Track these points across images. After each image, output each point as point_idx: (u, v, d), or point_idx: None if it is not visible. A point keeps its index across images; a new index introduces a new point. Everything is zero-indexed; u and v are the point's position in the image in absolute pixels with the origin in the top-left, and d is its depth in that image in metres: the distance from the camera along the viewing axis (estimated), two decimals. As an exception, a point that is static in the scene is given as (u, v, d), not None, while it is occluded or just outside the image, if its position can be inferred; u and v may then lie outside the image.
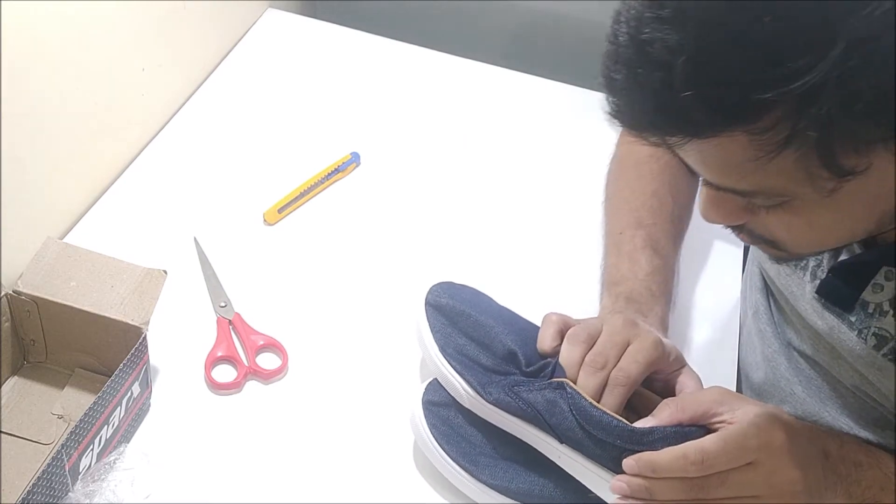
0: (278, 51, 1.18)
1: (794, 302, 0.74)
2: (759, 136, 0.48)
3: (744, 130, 0.48)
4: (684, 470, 0.61)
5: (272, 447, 0.76)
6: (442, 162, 1.06)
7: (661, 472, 0.62)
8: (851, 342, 0.67)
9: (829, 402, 0.74)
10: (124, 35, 0.93)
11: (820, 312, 0.70)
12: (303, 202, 0.98)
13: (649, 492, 0.63)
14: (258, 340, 0.83)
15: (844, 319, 0.68)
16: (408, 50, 1.20)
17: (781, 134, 0.48)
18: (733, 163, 0.52)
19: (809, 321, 0.72)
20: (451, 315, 0.77)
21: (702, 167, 0.55)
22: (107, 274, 0.74)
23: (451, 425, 0.73)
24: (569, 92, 1.17)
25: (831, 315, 0.69)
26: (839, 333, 0.68)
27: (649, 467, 0.62)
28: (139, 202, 0.95)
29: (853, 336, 0.67)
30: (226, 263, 0.90)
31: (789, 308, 0.76)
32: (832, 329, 0.69)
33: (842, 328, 0.68)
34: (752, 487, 0.61)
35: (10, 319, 0.75)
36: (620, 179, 0.90)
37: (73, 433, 0.65)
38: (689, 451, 0.61)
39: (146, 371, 0.74)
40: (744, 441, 0.61)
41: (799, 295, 0.73)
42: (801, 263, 0.72)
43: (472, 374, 0.72)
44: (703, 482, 0.61)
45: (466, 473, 0.72)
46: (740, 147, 0.50)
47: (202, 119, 1.06)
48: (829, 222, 0.56)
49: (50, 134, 0.85)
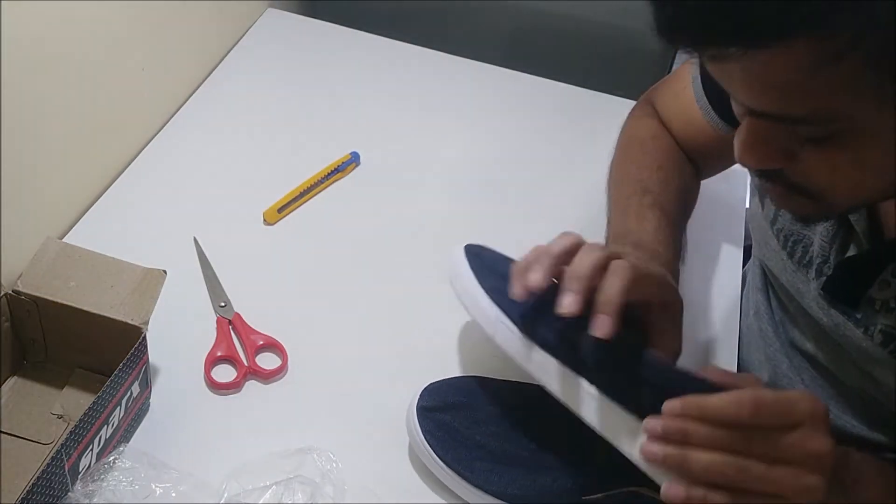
0: (278, 51, 1.18)
1: (800, 299, 0.73)
2: (823, 43, 0.46)
3: (809, 36, 0.46)
4: (737, 415, 0.56)
5: (272, 447, 0.76)
6: (442, 162, 1.06)
7: (711, 414, 0.57)
8: (857, 339, 0.67)
9: (832, 401, 0.74)
10: (124, 35, 0.93)
11: (825, 310, 0.69)
12: (303, 202, 0.98)
13: (686, 436, 0.58)
14: (258, 340, 0.83)
15: (850, 316, 0.67)
16: (408, 50, 1.20)
17: (846, 37, 0.45)
18: (789, 79, 0.49)
19: (815, 318, 0.72)
20: None
21: (749, 90, 0.52)
22: (107, 274, 0.74)
23: (448, 430, 0.73)
24: (569, 92, 1.17)
25: (837, 312, 0.68)
26: (845, 330, 0.68)
27: (697, 409, 0.57)
28: (139, 202, 0.95)
29: (859, 333, 0.66)
30: (226, 263, 0.90)
31: (794, 306, 0.76)
32: (838, 326, 0.68)
33: (847, 325, 0.67)
34: (791, 450, 0.57)
35: (9, 319, 0.75)
36: (626, 157, 0.89)
37: (73, 433, 0.65)
38: (744, 396, 0.57)
39: (146, 371, 0.74)
40: (795, 401, 0.58)
41: (804, 292, 0.72)
42: (805, 260, 0.71)
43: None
44: (749, 434, 0.57)
45: (463, 479, 0.71)
46: (800, 57, 0.47)
47: (202, 119, 1.06)
48: (876, 161, 0.53)
49: (50, 134, 0.85)
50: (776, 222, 0.73)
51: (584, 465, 0.71)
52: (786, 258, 0.73)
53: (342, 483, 0.71)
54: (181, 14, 1.03)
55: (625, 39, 1.26)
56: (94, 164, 0.95)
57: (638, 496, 0.69)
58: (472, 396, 0.75)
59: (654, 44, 1.08)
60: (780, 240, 0.73)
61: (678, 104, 0.89)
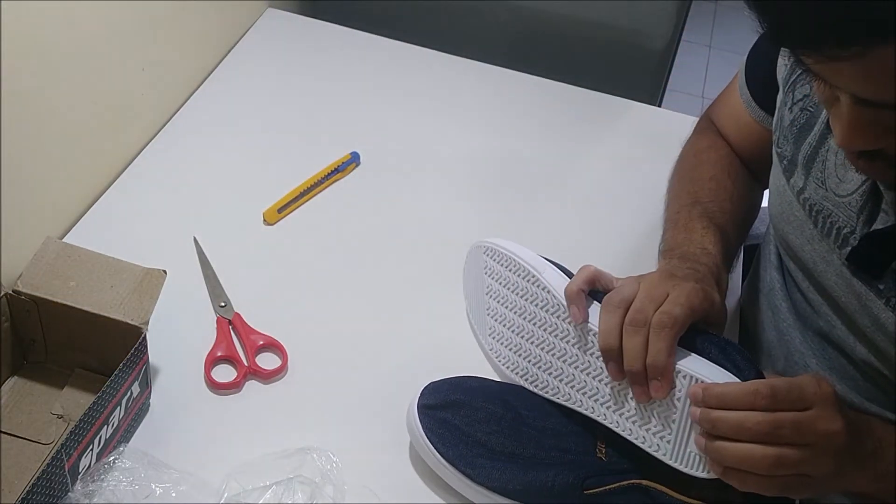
0: (278, 50, 1.18)
1: (823, 269, 0.73)
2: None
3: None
4: (752, 403, 0.62)
5: (272, 447, 0.76)
6: (442, 162, 1.06)
7: (729, 403, 0.62)
8: (878, 310, 0.67)
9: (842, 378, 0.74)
10: (124, 35, 0.93)
11: (848, 280, 0.70)
12: (303, 202, 0.98)
13: (714, 427, 0.63)
14: (258, 340, 0.83)
15: (873, 287, 0.68)
16: (408, 50, 1.20)
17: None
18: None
19: (831, 293, 0.73)
20: None
21: (864, 83, 0.53)
22: (106, 274, 0.74)
23: (449, 427, 0.73)
24: (569, 92, 1.17)
25: (860, 282, 0.69)
26: (866, 300, 0.68)
27: (717, 398, 0.63)
28: (139, 202, 0.95)
29: (881, 304, 0.67)
30: (226, 263, 0.90)
31: (810, 281, 0.76)
32: (860, 296, 0.69)
33: (869, 295, 0.68)
34: (805, 432, 0.62)
35: (9, 319, 0.75)
36: (680, 171, 0.91)
37: (73, 433, 0.65)
38: (759, 386, 0.62)
39: (146, 371, 0.74)
40: (805, 387, 0.63)
41: (828, 261, 0.73)
42: (830, 231, 0.72)
43: None
44: (768, 420, 0.61)
45: (465, 476, 0.72)
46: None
47: (202, 119, 1.06)
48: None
49: (50, 134, 0.85)
50: (804, 191, 0.74)
51: (585, 460, 0.71)
52: (812, 228, 0.73)
53: (342, 483, 0.71)
54: (181, 14, 1.03)
55: (625, 39, 1.26)
56: (95, 164, 0.95)
57: (638, 488, 0.69)
58: (472, 394, 0.75)
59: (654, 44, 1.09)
60: (805, 209, 0.73)
61: (729, 110, 0.91)
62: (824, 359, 0.76)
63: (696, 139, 0.94)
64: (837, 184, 0.70)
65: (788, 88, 0.77)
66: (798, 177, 0.75)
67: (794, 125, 0.75)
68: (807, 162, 0.73)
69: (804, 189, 0.74)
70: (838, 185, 0.70)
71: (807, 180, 0.73)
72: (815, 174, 0.72)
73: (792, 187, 0.76)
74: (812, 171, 0.73)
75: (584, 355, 0.72)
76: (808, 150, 0.73)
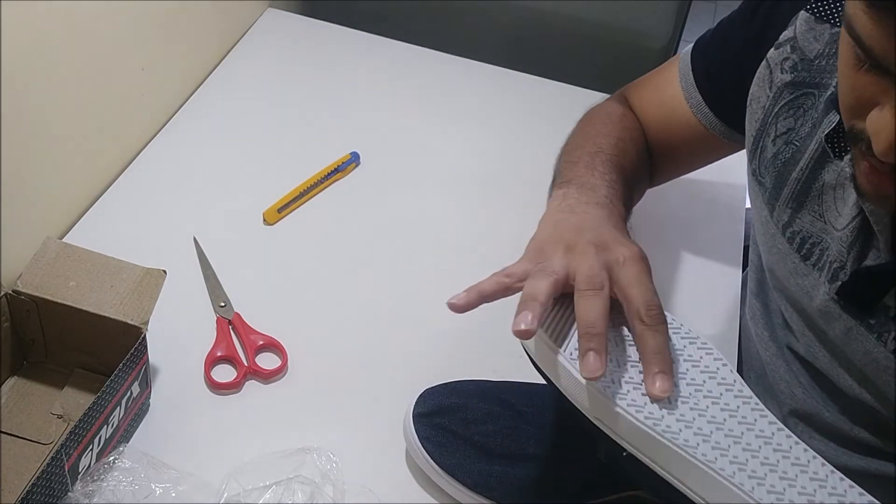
0: (278, 51, 1.18)
1: (808, 302, 0.73)
2: None
3: None
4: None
5: (272, 447, 0.76)
6: (442, 162, 1.06)
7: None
8: (870, 345, 0.66)
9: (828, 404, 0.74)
10: (124, 35, 0.93)
11: (837, 314, 0.69)
12: (303, 202, 0.98)
13: None
14: (258, 340, 0.83)
15: (863, 321, 0.67)
16: (408, 50, 1.20)
17: None
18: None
19: (817, 324, 0.72)
20: None
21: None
22: (106, 274, 0.74)
23: (444, 433, 0.73)
24: (569, 92, 1.17)
25: (849, 316, 0.68)
26: (856, 335, 0.67)
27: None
28: (139, 202, 0.95)
29: (872, 339, 0.66)
30: (225, 263, 0.90)
31: (797, 310, 0.75)
32: (849, 331, 0.68)
33: (859, 329, 0.67)
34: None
35: (9, 319, 0.75)
36: (584, 127, 0.88)
37: (73, 433, 0.65)
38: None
39: (146, 371, 0.74)
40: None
41: (814, 295, 0.72)
42: (820, 263, 0.71)
43: None
44: None
45: (461, 484, 0.72)
46: None
47: (202, 119, 1.06)
48: None
49: (50, 134, 0.85)
50: (791, 225, 0.73)
51: (582, 468, 0.71)
52: (798, 261, 0.72)
53: (342, 483, 0.71)
54: (181, 14, 1.03)
55: (625, 39, 1.26)
56: (95, 164, 0.95)
57: (636, 500, 0.69)
58: (467, 397, 0.74)
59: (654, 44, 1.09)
60: (793, 243, 0.73)
61: (658, 97, 0.89)
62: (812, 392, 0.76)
63: (609, 105, 0.91)
64: (836, 217, 0.69)
65: (771, 120, 0.75)
66: (781, 211, 0.74)
67: (778, 158, 0.74)
68: (796, 196, 0.72)
69: (791, 223, 0.73)
70: (837, 218, 0.69)
71: (795, 214, 0.72)
72: (810, 207, 0.71)
73: (776, 221, 0.74)
74: (806, 204, 0.71)
75: None
76: (797, 186, 0.72)
